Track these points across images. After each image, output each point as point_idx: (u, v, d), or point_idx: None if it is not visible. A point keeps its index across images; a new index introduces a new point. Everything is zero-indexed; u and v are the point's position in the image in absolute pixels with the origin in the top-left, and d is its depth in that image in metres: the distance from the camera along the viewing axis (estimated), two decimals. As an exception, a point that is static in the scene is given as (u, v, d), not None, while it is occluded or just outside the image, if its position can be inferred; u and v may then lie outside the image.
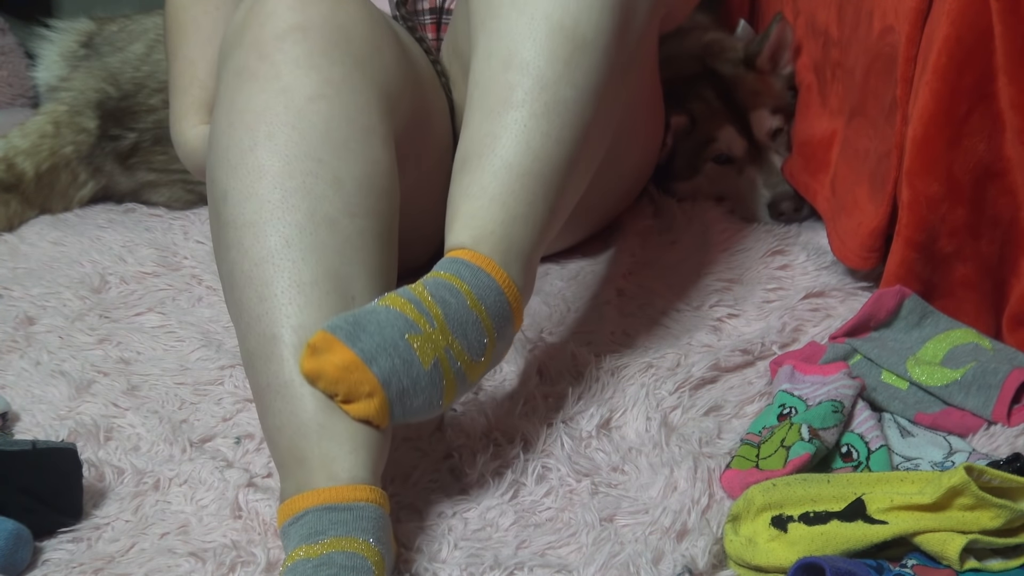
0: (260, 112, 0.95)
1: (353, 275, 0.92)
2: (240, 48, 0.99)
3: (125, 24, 1.72)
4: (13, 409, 1.09)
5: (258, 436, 1.04)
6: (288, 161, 0.93)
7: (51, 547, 0.91)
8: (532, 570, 0.87)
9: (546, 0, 0.96)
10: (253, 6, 1.01)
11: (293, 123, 0.95)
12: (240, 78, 0.98)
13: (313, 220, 0.92)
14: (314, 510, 0.83)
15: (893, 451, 1.00)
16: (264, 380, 0.89)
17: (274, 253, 0.90)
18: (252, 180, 0.93)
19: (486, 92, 0.97)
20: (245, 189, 0.93)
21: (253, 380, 0.91)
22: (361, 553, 0.81)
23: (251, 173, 0.93)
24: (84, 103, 1.57)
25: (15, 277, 1.37)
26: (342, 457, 0.85)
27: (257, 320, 0.90)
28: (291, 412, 0.87)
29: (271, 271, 0.90)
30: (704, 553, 0.87)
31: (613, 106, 1.03)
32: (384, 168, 0.98)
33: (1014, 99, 1.04)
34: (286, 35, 0.98)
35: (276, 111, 0.95)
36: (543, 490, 0.97)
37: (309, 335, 0.87)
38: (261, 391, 0.90)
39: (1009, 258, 1.12)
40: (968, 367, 1.05)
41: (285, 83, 0.96)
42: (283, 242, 0.91)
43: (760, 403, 1.10)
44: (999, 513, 0.84)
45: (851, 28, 1.33)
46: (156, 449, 1.03)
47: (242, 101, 0.96)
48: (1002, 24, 1.02)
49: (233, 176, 0.94)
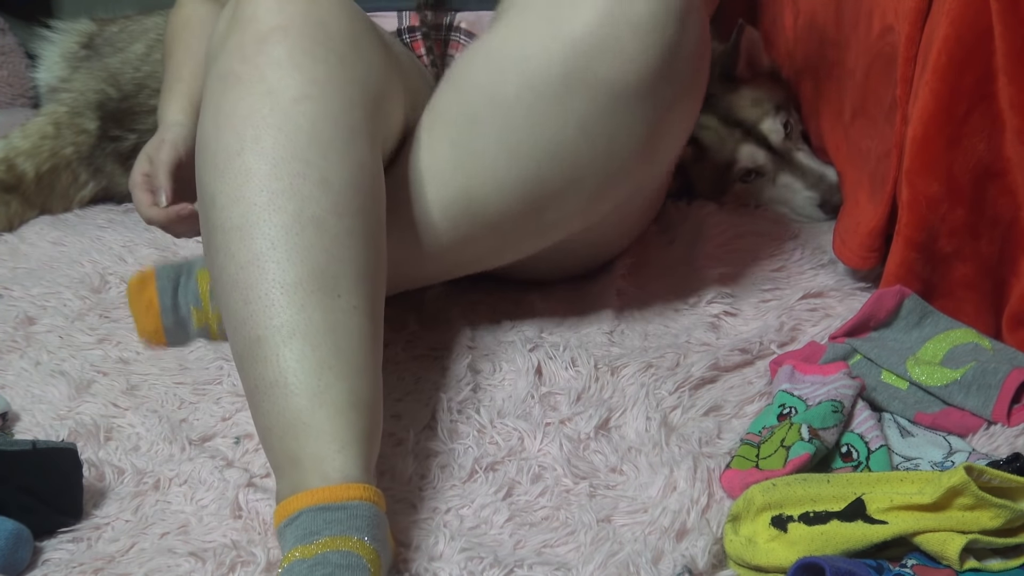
0: (246, 116, 0.96)
1: (340, 273, 0.92)
2: (223, 53, 1.00)
3: (126, 25, 1.72)
4: (13, 409, 1.09)
5: (257, 436, 1.04)
6: (275, 164, 0.94)
7: (51, 547, 0.91)
8: (531, 568, 0.87)
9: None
10: (235, 11, 1.02)
11: (279, 125, 0.95)
12: (225, 82, 0.99)
13: (300, 221, 0.92)
14: (308, 511, 0.83)
15: (893, 451, 1.00)
16: (252, 382, 0.90)
17: (259, 256, 0.91)
18: (239, 184, 0.94)
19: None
20: (232, 193, 0.94)
21: (243, 382, 0.92)
22: (356, 551, 0.81)
23: (238, 177, 0.94)
24: (84, 104, 1.57)
25: (15, 277, 1.37)
26: (331, 456, 0.86)
27: (243, 323, 0.91)
28: (279, 412, 0.88)
29: (255, 274, 0.91)
30: (704, 553, 0.87)
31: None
32: (370, 168, 0.99)
33: (1014, 99, 1.04)
34: (267, 37, 0.99)
35: (262, 114, 0.96)
36: (538, 489, 0.97)
37: (292, 335, 0.88)
38: (250, 392, 0.91)
39: (1009, 258, 1.12)
40: (968, 367, 1.05)
41: (269, 85, 0.97)
42: (268, 244, 0.91)
43: (760, 403, 1.10)
44: (999, 513, 0.84)
45: (851, 28, 1.33)
46: (156, 449, 1.03)
47: (228, 106, 0.97)
48: (1002, 24, 1.02)
49: (221, 180, 0.95)
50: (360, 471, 0.86)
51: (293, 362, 0.88)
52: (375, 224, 0.98)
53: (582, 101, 1.04)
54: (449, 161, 1.09)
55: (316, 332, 0.89)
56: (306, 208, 0.93)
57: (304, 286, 0.90)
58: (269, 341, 0.89)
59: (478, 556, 0.88)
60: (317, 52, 0.99)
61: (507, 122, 1.06)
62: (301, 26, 1.00)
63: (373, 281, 0.96)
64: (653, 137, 1.10)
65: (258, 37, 0.99)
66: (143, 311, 1.20)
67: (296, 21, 1.00)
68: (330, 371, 0.88)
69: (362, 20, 1.07)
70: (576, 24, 1.02)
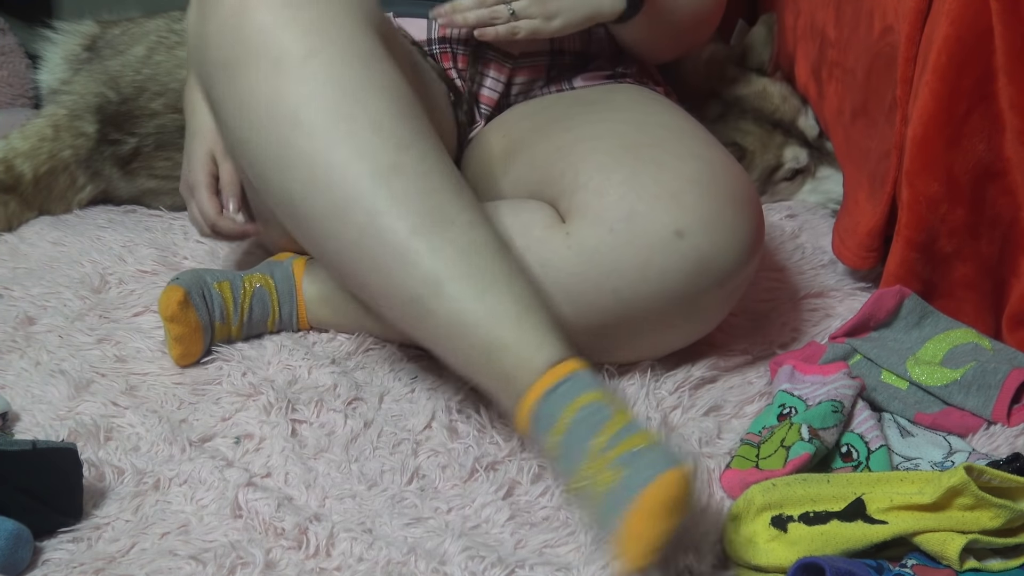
0: (271, 100, 0.95)
1: (440, 202, 0.94)
2: (210, 41, 0.99)
3: (128, 27, 1.72)
4: (13, 409, 1.09)
5: (257, 436, 1.05)
6: (325, 135, 0.94)
7: (51, 547, 0.91)
8: (533, 568, 0.87)
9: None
10: (196, 6, 1.01)
11: (307, 95, 0.94)
12: (229, 70, 0.98)
13: (379, 177, 0.93)
14: (538, 400, 0.89)
15: (893, 451, 1.00)
16: (429, 334, 0.95)
17: (365, 228, 0.93)
18: (305, 169, 0.95)
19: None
20: (305, 180, 0.95)
21: (419, 338, 0.97)
22: (596, 400, 0.87)
23: (299, 163, 0.95)
24: (84, 107, 1.57)
25: (15, 277, 1.37)
26: (533, 357, 0.91)
27: (384, 294, 0.95)
28: (469, 349, 0.93)
29: (373, 244, 0.93)
30: (704, 553, 0.87)
31: None
32: (394, 78, 0.99)
33: (1014, 99, 1.04)
34: (243, 8, 0.97)
35: (284, 92, 0.95)
36: (539, 489, 0.97)
37: (439, 281, 0.92)
38: (432, 344, 0.96)
39: (1009, 258, 1.13)
40: (968, 367, 1.05)
41: (273, 54, 0.95)
42: (366, 216, 0.93)
43: (760, 403, 1.10)
44: (999, 513, 0.84)
45: (851, 28, 1.33)
46: (156, 449, 1.03)
47: (246, 94, 0.96)
48: (1002, 24, 1.02)
49: (286, 173, 0.96)
50: (560, 349, 0.91)
51: (455, 303, 0.92)
52: (428, 128, 0.99)
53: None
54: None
55: (455, 266, 0.92)
56: (378, 160, 0.94)
57: (420, 233, 0.92)
58: (423, 296, 0.93)
59: (480, 556, 0.88)
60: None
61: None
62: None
63: (459, 182, 0.97)
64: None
65: (235, 10, 0.97)
66: (190, 335, 1.14)
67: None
68: (488, 291, 0.92)
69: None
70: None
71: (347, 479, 0.99)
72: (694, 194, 1.02)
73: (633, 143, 1.07)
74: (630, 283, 1.02)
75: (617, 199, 1.02)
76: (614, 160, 1.05)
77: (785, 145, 1.49)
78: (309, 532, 0.91)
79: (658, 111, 1.16)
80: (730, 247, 1.03)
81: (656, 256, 1.01)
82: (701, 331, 1.12)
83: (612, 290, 1.03)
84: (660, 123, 1.12)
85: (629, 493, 0.80)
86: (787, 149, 1.49)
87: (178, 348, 1.14)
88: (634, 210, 1.01)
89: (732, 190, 1.04)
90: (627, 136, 1.09)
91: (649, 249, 1.01)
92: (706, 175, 1.04)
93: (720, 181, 1.04)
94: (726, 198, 1.03)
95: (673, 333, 1.10)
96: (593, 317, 1.04)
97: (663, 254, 1.01)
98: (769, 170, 1.50)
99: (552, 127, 1.15)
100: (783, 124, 1.50)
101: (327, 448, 1.03)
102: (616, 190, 1.02)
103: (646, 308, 1.04)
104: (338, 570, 0.89)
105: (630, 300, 1.03)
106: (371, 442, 1.04)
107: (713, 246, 1.02)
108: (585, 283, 1.02)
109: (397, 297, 0.95)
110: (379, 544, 0.90)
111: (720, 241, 1.02)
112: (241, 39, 0.97)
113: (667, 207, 1.01)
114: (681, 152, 1.06)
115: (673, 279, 1.02)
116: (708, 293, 1.04)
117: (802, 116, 1.50)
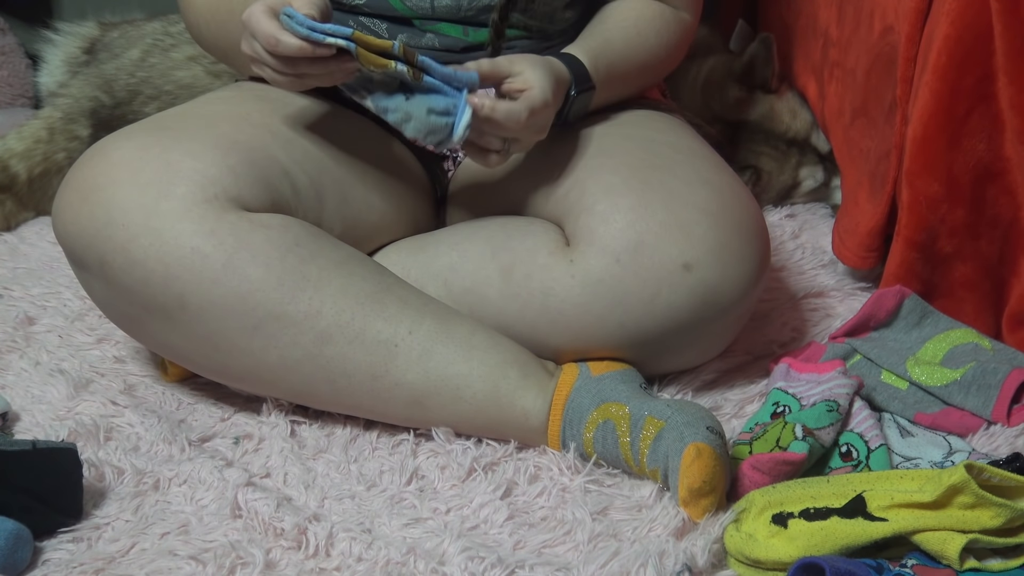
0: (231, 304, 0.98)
1: (384, 296, 1.01)
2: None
3: (126, 30, 1.72)
4: (13, 409, 1.09)
5: (257, 436, 1.05)
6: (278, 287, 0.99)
7: (51, 547, 0.91)
8: (532, 568, 0.87)
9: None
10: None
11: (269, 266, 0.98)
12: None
13: (347, 294, 1.00)
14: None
15: (893, 451, 1.00)
16: (434, 410, 1.02)
17: (329, 338, 1.00)
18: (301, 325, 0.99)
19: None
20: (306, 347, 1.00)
21: (425, 415, 1.02)
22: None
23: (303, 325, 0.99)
24: (79, 111, 1.57)
25: (15, 277, 1.37)
26: (525, 397, 1.00)
27: (372, 391, 1.01)
28: (472, 409, 1.01)
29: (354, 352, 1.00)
30: (704, 551, 0.87)
31: None
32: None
33: (1014, 99, 1.04)
34: (157, 208, 0.98)
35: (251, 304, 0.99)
36: (536, 489, 0.97)
37: (421, 356, 1.00)
38: (437, 413, 1.02)
39: (1009, 258, 1.13)
40: (968, 367, 1.05)
41: (196, 247, 0.97)
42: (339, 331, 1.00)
43: (760, 403, 1.10)
44: (999, 512, 0.84)
45: (851, 28, 1.33)
46: (155, 449, 1.03)
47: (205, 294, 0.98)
48: (1002, 24, 1.02)
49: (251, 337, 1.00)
50: (548, 378, 1.02)
51: (442, 366, 1.00)
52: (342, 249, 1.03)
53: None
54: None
55: (432, 340, 1.00)
56: (352, 287, 1.00)
57: (385, 302, 1.01)
58: (403, 377, 1.00)
59: (479, 556, 0.88)
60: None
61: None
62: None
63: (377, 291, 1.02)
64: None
65: (152, 210, 0.97)
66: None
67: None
68: (474, 349, 1.00)
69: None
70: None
71: (346, 479, 0.99)
72: (703, 225, 1.00)
73: (641, 163, 1.05)
74: (636, 317, 1.01)
75: (624, 227, 1.00)
76: (622, 182, 1.02)
77: (801, 165, 1.49)
78: (308, 532, 0.91)
79: (664, 129, 1.13)
80: (738, 277, 1.01)
81: (663, 290, 1.00)
82: (706, 357, 1.11)
83: (618, 324, 1.01)
84: (667, 142, 1.10)
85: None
86: (803, 169, 1.49)
87: (175, 369, 1.14)
88: (642, 241, 0.99)
89: (740, 219, 1.03)
90: (634, 154, 1.06)
91: (657, 282, 1.00)
92: (715, 204, 1.02)
93: (729, 210, 1.02)
94: (735, 228, 1.02)
95: (678, 358, 1.09)
96: (596, 347, 1.04)
97: (670, 287, 1.00)
98: (786, 189, 1.50)
99: (556, 138, 1.09)
100: (797, 142, 1.49)
101: (326, 448, 1.03)
102: (623, 217, 1.00)
103: (651, 339, 1.03)
104: (337, 570, 0.89)
105: (635, 333, 1.02)
106: (370, 443, 1.04)
107: (721, 278, 1.01)
108: (589, 315, 1.01)
109: (378, 383, 1.01)
110: (378, 544, 0.90)
111: (728, 272, 1.01)
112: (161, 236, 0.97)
113: (675, 239, 0.99)
114: (690, 177, 1.04)
115: (680, 312, 1.01)
116: (715, 322, 1.03)
117: (813, 131, 1.49)
